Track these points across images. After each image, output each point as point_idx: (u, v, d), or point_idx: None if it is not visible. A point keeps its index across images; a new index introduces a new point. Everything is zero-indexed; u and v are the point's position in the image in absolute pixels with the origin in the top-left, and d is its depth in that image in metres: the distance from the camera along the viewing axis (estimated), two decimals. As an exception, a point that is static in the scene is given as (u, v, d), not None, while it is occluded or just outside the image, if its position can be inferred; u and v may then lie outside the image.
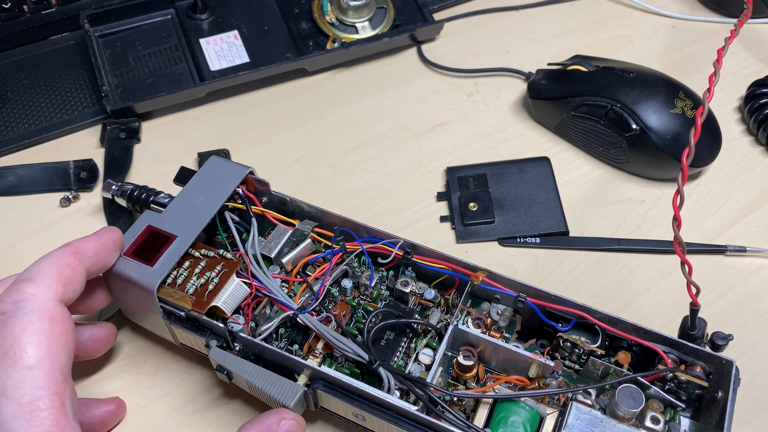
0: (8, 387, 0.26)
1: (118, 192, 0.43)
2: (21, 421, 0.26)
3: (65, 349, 0.29)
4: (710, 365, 0.34)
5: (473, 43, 0.58)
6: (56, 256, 0.31)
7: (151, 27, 0.56)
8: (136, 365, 0.41)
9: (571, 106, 0.49)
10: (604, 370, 0.35)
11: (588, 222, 0.47)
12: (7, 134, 0.51)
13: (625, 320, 0.35)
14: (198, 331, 0.36)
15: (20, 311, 0.28)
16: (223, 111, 0.54)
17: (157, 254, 0.36)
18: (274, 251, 0.39)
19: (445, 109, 0.54)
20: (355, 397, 0.33)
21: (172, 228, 0.37)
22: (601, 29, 0.59)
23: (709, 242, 0.46)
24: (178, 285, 0.36)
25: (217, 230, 0.39)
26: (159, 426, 0.39)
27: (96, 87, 0.53)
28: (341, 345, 0.34)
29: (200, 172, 0.41)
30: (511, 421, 0.33)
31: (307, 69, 0.55)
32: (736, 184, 0.49)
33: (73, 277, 0.31)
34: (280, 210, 0.42)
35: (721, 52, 0.33)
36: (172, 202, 0.39)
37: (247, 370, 0.34)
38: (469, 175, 0.49)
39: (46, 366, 0.27)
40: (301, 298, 0.37)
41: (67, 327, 0.29)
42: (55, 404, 0.27)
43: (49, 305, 0.29)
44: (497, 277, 0.37)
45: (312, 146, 0.52)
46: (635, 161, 0.49)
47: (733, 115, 0.54)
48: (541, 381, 0.35)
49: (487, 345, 0.35)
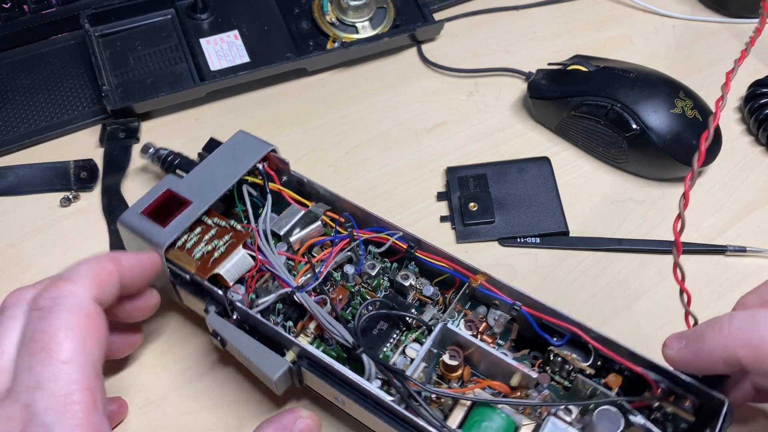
0: (44, 380, 0.27)
1: (154, 155, 0.46)
2: (55, 414, 0.26)
3: (98, 346, 0.29)
4: (701, 400, 0.33)
5: (473, 43, 0.58)
6: (94, 260, 0.32)
7: (151, 27, 0.56)
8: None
9: (571, 106, 0.49)
10: (592, 390, 0.34)
11: (588, 222, 0.47)
12: (7, 134, 0.51)
13: (620, 343, 0.34)
14: (200, 295, 0.37)
15: (58, 307, 0.29)
16: (223, 111, 0.54)
17: (171, 217, 0.37)
18: (284, 229, 0.40)
19: (445, 109, 0.54)
20: (336, 380, 0.34)
21: (189, 194, 0.39)
22: (601, 29, 0.59)
23: (709, 242, 0.46)
24: (187, 249, 0.37)
25: (236, 203, 0.41)
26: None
27: (96, 87, 0.53)
28: (331, 327, 0.35)
29: (225, 145, 0.42)
30: (484, 426, 0.32)
31: (307, 69, 0.55)
32: (736, 184, 0.49)
33: (109, 281, 0.32)
34: (297, 190, 0.42)
35: (743, 58, 0.33)
36: (194, 169, 0.40)
37: (239, 339, 0.35)
38: (469, 175, 0.49)
39: (81, 361, 0.28)
40: (303, 277, 0.38)
41: (101, 325, 0.30)
42: (87, 399, 0.27)
43: (86, 303, 0.30)
44: (496, 282, 0.37)
45: (312, 146, 0.52)
46: (635, 161, 0.49)
47: (733, 115, 0.54)
48: (523, 391, 0.34)
49: (475, 348, 0.35)
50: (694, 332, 0.29)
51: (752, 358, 0.26)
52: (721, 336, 0.28)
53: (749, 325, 0.27)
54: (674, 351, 0.30)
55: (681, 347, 0.29)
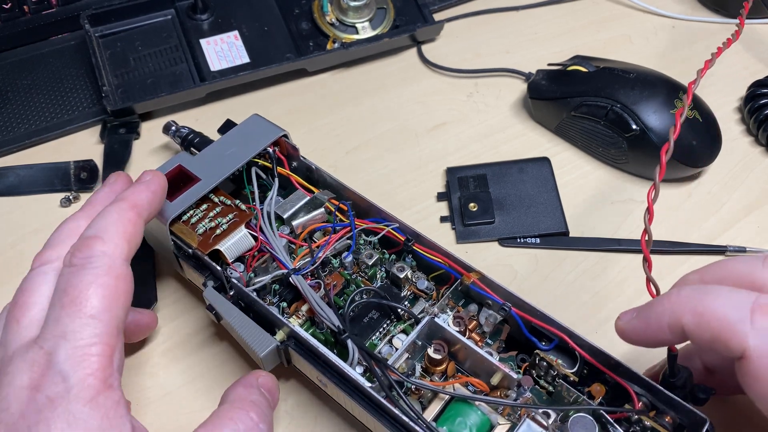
0: (69, 331, 0.28)
1: (176, 132, 0.47)
2: (72, 362, 0.28)
3: (124, 306, 0.30)
4: (681, 417, 0.32)
5: (473, 44, 0.58)
6: (118, 213, 0.32)
7: (152, 27, 0.56)
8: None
9: (571, 107, 0.49)
10: (575, 397, 0.34)
11: (588, 222, 0.47)
12: (7, 134, 0.51)
13: (607, 353, 0.34)
14: (200, 269, 0.39)
15: (90, 265, 0.30)
16: (223, 111, 0.54)
17: (179, 192, 0.39)
18: (288, 212, 0.40)
19: (446, 109, 0.54)
20: (320, 362, 0.35)
21: (199, 171, 0.40)
22: (601, 29, 0.59)
23: (709, 242, 0.46)
24: (191, 224, 0.39)
25: (245, 184, 0.42)
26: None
27: (96, 87, 0.53)
28: (321, 311, 0.36)
29: (239, 127, 0.43)
30: (458, 421, 0.32)
31: (307, 69, 0.55)
32: (736, 184, 0.49)
33: (135, 233, 0.33)
34: (306, 177, 0.43)
35: (719, 53, 0.33)
36: (206, 148, 0.42)
37: (232, 314, 0.36)
38: (469, 175, 0.49)
39: (106, 318, 0.29)
40: (301, 261, 0.39)
41: (129, 286, 0.31)
42: (105, 353, 0.29)
43: (117, 263, 0.31)
44: (489, 281, 0.37)
45: (312, 146, 0.52)
46: (635, 161, 0.49)
47: (733, 115, 0.54)
48: (502, 391, 0.34)
49: (460, 344, 0.35)
50: (645, 304, 0.30)
51: (695, 324, 0.27)
52: (669, 303, 0.29)
53: (697, 293, 0.28)
54: (624, 321, 0.31)
55: (632, 317, 0.31)
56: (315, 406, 0.39)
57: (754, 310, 0.26)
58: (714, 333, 0.27)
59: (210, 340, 0.42)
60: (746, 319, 0.26)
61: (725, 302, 0.27)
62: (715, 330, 0.27)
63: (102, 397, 0.28)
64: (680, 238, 0.46)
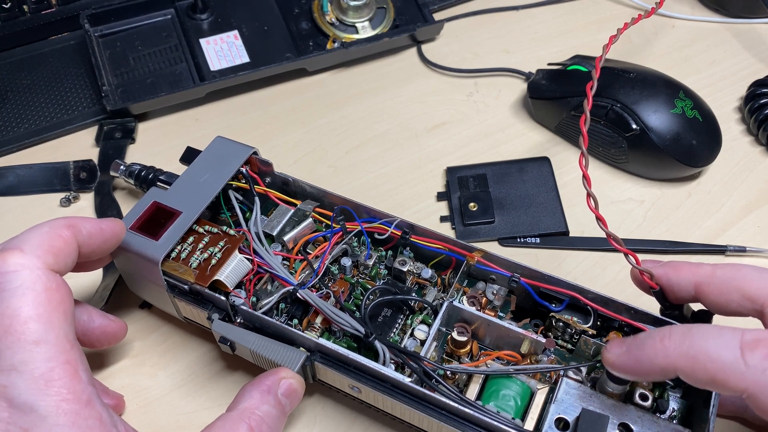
0: (17, 363, 0.26)
1: (126, 172, 0.45)
2: (37, 392, 0.26)
3: (66, 316, 0.28)
4: None
5: (473, 43, 0.58)
6: (47, 226, 0.30)
7: (151, 27, 0.56)
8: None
9: (571, 106, 0.49)
10: (595, 349, 0.36)
11: (588, 222, 0.47)
12: (7, 134, 0.51)
13: (617, 300, 0.36)
14: (200, 304, 0.37)
15: (10, 285, 0.27)
16: (223, 111, 0.54)
17: (162, 229, 0.37)
18: (276, 229, 0.40)
19: (445, 109, 0.54)
20: (352, 370, 0.34)
21: (177, 204, 0.38)
22: (601, 29, 0.59)
23: (709, 242, 0.46)
24: (182, 259, 0.37)
25: (221, 209, 0.41)
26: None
27: (96, 87, 0.53)
28: (339, 319, 0.35)
29: (205, 152, 0.41)
30: (502, 395, 0.33)
31: (307, 69, 0.55)
32: (736, 184, 0.49)
33: (65, 250, 0.30)
34: (282, 190, 0.43)
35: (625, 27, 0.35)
36: (177, 180, 0.40)
37: (251, 340, 0.35)
38: (469, 175, 0.49)
39: (52, 338, 0.27)
40: (302, 275, 0.38)
41: (63, 294, 0.29)
42: (68, 372, 0.27)
43: (41, 275, 0.28)
44: (492, 257, 0.37)
45: (312, 146, 0.52)
46: (635, 161, 0.49)
47: (733, 115, 0.54)
48: (532, 357, 0.35)
49: (481, 322, 0.36)
50: (635, 339, 0.30)
51: (690, 368, 0.28)
52: (661, 345, 0.29)
53: (688, 337, 0.28)
54: (614, 355, 0.31)
55: (621, 352, 0.30)
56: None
57: (743, 349, 0.26)
58: (710, 375, 0.27)
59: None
60: (739, 359, 0.26)
61: (716, 343, 0.27)
62: (711, 372, 0.27)
63: (82, 419, 0.27)
64: (680, 238, 0.46)
